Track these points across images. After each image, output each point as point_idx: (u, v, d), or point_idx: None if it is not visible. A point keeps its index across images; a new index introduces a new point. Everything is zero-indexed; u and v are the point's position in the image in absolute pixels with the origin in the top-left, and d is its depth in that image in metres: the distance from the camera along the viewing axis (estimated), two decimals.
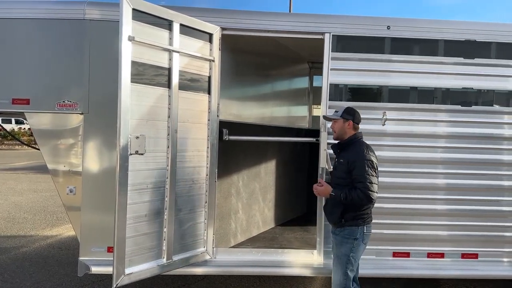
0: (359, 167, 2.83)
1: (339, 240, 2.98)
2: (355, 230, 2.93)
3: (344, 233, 2.96)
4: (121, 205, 2.90)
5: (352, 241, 2.93)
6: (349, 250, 2.94)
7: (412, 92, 3.75)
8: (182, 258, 3.37)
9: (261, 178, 4.83)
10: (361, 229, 2.94)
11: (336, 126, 3.08)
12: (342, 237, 2.96)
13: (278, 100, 5.30)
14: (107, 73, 3.42)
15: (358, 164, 2.84)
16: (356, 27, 3.66)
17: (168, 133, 3.21)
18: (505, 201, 3.76)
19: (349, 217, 2.92)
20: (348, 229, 2.94)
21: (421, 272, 3.77)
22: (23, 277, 4.46)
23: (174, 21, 3.19)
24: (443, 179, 3.72)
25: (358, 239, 2.94)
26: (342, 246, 2.97)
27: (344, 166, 2.92)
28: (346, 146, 3.03)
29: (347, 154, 2.96)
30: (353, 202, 2.84)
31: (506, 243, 3.79)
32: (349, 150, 2.98)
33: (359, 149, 2.92)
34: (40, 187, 10.40)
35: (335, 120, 3.08)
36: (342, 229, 2.97)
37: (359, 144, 2.99)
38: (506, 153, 3.73)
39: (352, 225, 2.93)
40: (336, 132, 3.09)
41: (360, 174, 2.82)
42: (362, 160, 2.85)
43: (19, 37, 3.46)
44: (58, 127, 3.54)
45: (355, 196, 2.81)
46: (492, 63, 3.70)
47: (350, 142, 3.01)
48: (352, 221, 2.93)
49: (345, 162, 2.92)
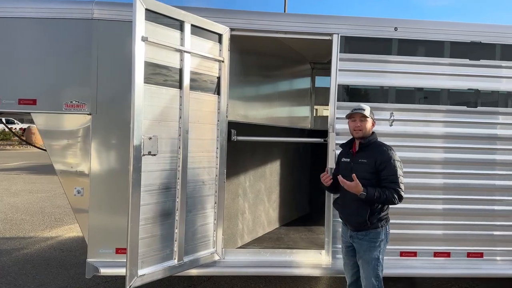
0: (391, 168, 2.82)
1: (366, 245, 2.90)
2: (380, 232, 2.90)
3: (369, 236, 2.90)
4: (134, 206, 2.89)
5: (380, 243, 2.91)
6: (378, 253, 2.90)
7: (418, 93, 3.78)
8: (192, 259, 3.36)
9: (266, 178, 4.84)
10: (384, 230, 2.94)
11: (365, 125, 2.95)
12: (369, 241, 2.90)
13: (282, 100, 5.31)
14: (115, 73, 3.42)
15: (389, 164, 2.82)
16: (364, 28, 3.69)
17: (179, 133, 3.21)
18: (509, 200, 3.81)
19: (374, 219, 2.87)
20: (373, 232, 2.89)
21: (427, 271, 3.81)
22: (26, 279, 4.41)
23: (185, 21, 3.18)
24: (450, 179, 3.76)
25: (383, 240, 2.93)
26: (371, 251, 2.89)
27: (369, 166, 2.86)
28: (367, 146, 2.95)
29: (372, 154, 2.88)
30: (386, 202, 2.82)
31: (510, 242, 3.84)
32: (372, 150, 2.91)
33: (386, 149, 2.90)
34: (35, 188, 10.28)
35: (366, 119, 2.95)
36: (366, 232, 2.90)
37: (382, 144, 2.96)
38: (510, 154, 3.78)
39: (377, 228, 2.90)
40: (362, 131, 2.96)
41: (392, 174, 2.81)
42: (392, 160, 2.84)
43: (26, 37, 3.42)
44: (65, 128, 3.52)
45: (389, 196, 2.77)
46: (497, 65, 3.75)
47: (370, 142, 2.96)
48: (376, 223, 2.89)
49: (371, 162, 2.85)
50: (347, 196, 2.94)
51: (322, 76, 6.15)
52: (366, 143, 2.96)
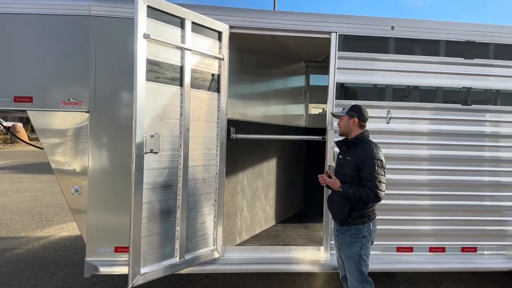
0: (369, 166, 2.84)
1: (348, 240, 2.98)
2: (362, 228, 2.95)
3: (351, 232, 2.96)
4: (137, 204, 2.88)
5: (361, 239, 2.95)
6: (359, 249, 2.95)
7: (415, 91, 3.85)
8: (193, 257, 3.36)
9: (264, 176, 4.86)
10: (367, 227, 2.97)
11: (341, 123, 3.09)
12: (350, 236, 2.97)
13: (278, 98, 5.33)
14: (113, 70, 3.39)
15: (368, 163, 2.85)
16: (361, 27, 3.73)
17: (181, 131, 3.20)
18: (501, 196, 3.92)
19: (356, 216, 2.93)
20: (355, 228, 2.95)
21: (423, 266, 3.89)
22: (21, 279, 4.34)
23: (186, 19, 3.17)
24: (444, 175, 3.84)
25: (366, 237, 2.96)
26: (352, 246, 2.97)
27: (352, 164, 2.93)
28: (353, 144, 3.03)
29: (356, 152, 2.96)
30: (361, 200, 2.85)
31: (503, 236, 3.95)
32: (357, 148, 2.98)
33: (369, 148, 2.92)
34: (23, 187, 10.12)
35: (341, 117, 3.09)
36: (348, 227, 2.97)
37: (367, 143, 2.99)
38: (502, 151, 3.88)
39: (359, 224, 2.94)
40: (341, 129, 3.10)
41: (370, 173, 2.84)
42: (372, 159, 2.85)
43: (22, 33, 3.36)
44: (62, 126, 3.46)
45: (364, 194, 2.82)
46: (490, 64, 3.84)
47: (358, 141, 3.01)
48: (358, 219, 2.93)
49: (354, 160, 2.92)
50: (333, 192, 3.06)
51: (317, 74, 6.18)
52: (353, 141, 3.04)
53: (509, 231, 3.94)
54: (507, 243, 3.95)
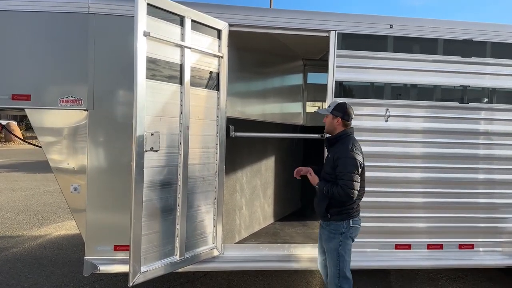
0: (343, 165, 2.86)
1: (327, 235, 3.04)
2: (340, 224, 2.98)
3: (330, 228, 3.01)
4: (137, 202, 2.87)
5: (339, 235, 2.98)
6: (337, 245, 2.99)
7: (413, 89, 3.87)
8: (193, 255, 3.37)
9: (262, 174, 4.87)
10: (346, 224, 2.98)
11: (327, 121, 3.10)
12: (329, 232, 3.02)
13: (276, 97, 5.33)
14: (113, 68, 3.38)
15: (342, 161, 2.87)
16: (360, 25, 3.74)
17: (180, 129, 3.20)
18: (497, 193, 3.96)
19: (334, 212, 2.97)
20: (334, 224, 2.99)
21: (421, 263, 3.93)
22: (19, 278, 4.32)
23: (186, 16, 3.17)
24: (441, 173, 3.87)
25: (344, 233, 2.98)
26: (330, 241, 3.02)
27: (331, 161, 2.97)
28: (334, 142, 3.05)
29: (334, 150, 3.00)
30: (333, 197, 2.89)
31: (499, 233, 3.99)
32: (336, 146, 3.01)
33: (345, 146, 2.93)
34: (18, 186, 10.05)
35: (326, 115, 3.11)
36: (328, 223, 3.02)
37: (346, 141, 2.98)
38: (502, 148, 3.92)
39: (337, 220, 2.98)
40: (326, 127, 3.13)
41: (342, 171, 2.85)
42: (346, 157, 2.87)
43: (20, 31, 3.34)
44: (61, 124, 3.44)
45: (335, 192, 2.85)
46: (488, 62, 3.87)
47: (338, 139, 3.03)
48: (337, 215, 2.97)
49: (332, 157, 2.97)
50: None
51: (314, 72, 6.19)
52: (333, 139, 3.08)
53: (505, 228, 3.98)
54: (504, 240, 3.99)
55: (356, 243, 3.80)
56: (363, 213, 3.76)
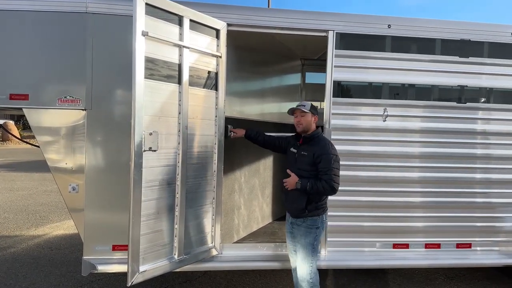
0: (326, 161, 2.99)
1: (303, 231, 3.12)
2: (317, 219, 3.11)
3: (307, 223, 3.11)
4: (135, 202, 2.87)
5: (315, 230, 3.11)
6: (313, 239, 3.11)
7: (411, 89, 3.88)
8: (192, 255, 3.37)
9: (260, 174, 4.88)
10: (321, 218, 3.13)
11: (305, 119, 3.17)
12: (306, 227, 3.11)
13: (274, 96, 5.34)
14: (111, 68, 3.37)
15: (324, 157, 3.00)
16: (358, 25, 3.75)
17: (179, 129, 3.19)
18: (494, 193, 3.97)
19: (312, 208, 3.08)
20: (311, 219, 3.10)
21: (419, 262, 3.94)
22: (17, 278, 4.31)
23: (184, 16, 3.16)
24: (439, 173, 3.88)
25: (319, 228, 3.12)
26: (306, 237, 3.11)
27: (309, 158, 3.06)
28: (309, 139, 3.16)
29: (312, 147, 3.09)
30: (318, 192, 2.99)
31: (497, 233, 4.01)
32: (313, 144, 3.11)
33: (324, 143, 3.09)
34: (16, 186, 10.02)
35: (305, 113, 3.16)
36: (304, 219, 3.11)
37: (323, 139, 3.16)
38: (493, 148, 3.93)
39: (314, 215, 3.10)
40: (303, 125, 3.18)
41: (326, 167, 2.99)
42: (328, 154, 3.01)
43: (17, 30, 3.33)
44: (59, 124, 3.43)
45: (321, 186, 2.96)
46: (485, 62, 3.88)
47: (314, 136, 3.15)
48: (314, 211, 3.09)
49: (311, 155, 3.05)
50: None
51: (312, 72, 6.20)
52: (309, 137, 3.17)
53: (502, 227, 4.00)
54: (501, 239, 4.01)
55: (354, 243, 3.85)
56: (361, 212, 3.82)
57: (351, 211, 3.82)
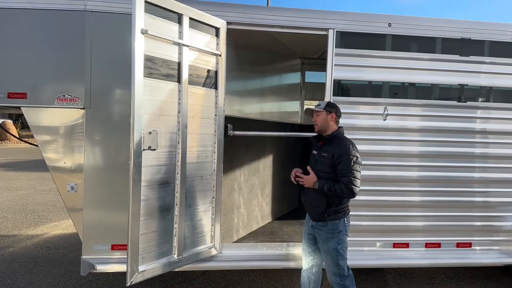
0: (345, 162, 2.87)
1: (324, 236, 3.02)
2: (338, 223, 2.98)
3: (327, 227, 3.00)
4: (135, 201, 2.85)
5: (337, 234, 2.99)
6: (336, 244, 2.99)
7: (411, 87, 3.86)
8: (191, 254, 3.35)
9: (260, 173, 4.86)
10: (342, 222, 3.00)
11: (319, 118, 3.07)
12: (326, 232, 3.00)
13: (274, 95, 5.33)
14: (110, 66, 3.36)
15: (344, 159, 2.88)
16: (359, 23, 3.73)
17: (178, 128, 3.18)
18: (494, 192, 3.96)
19: (331, 212, 2.97)
20: (331, 224, 2.98)
21: (419, 261, 3.93)
22: (15, 278, 4.28)
23: (184, 14, 3.14)
24: (439, 172, 3.87)
25: (342, 231, 3.00)
26: (328, 242, 3.01)
27: (328, 160, 2.94)
28: (329, 140, 3.03)
29: (332, 148, 2.97)
30: (336, 195, 2.89)
31: (497, 232, 4.00)
32: (334, 144, 2.99)
33: (345, 144, 2.95)
34: (14, 185, 9.98)
35: (318, 112, 3.07)
36: (324, 223, 3.00)
37: (343, 139, 3.01)
38: (494, 147, 3.92)
39: (334, 219, 2.98)
40: (318, 125, 3.08)
41: (345, 169, 2.86)
42: (348, 155, 2.88)
43: (16, 28, 3.30)
44: (57, 123, 3.42)
45: (339, 189, 2.85)
46: (486, 61, 3.87)
47: (334, 137, 3.02)
48: (334, 214, 2.97)
49: (330, 156, 2.94)
50: (309, 188, 3.05)
51: (312, 71, 6.19)
52: (329, 137, 3.05)
53: (502, 226, 3.99)
54: (501, 239, 4.01)
55: (354, 242, 3.83)
56: (361, 212, 3.80)
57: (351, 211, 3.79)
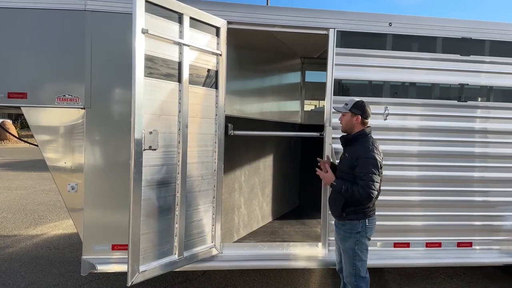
0: (363, 165, 2.81)
1: (342, 235, 3.01)
2: (356, 224, 2.94)
3: (345, 227, 2.98)
4: (135, 201, 2.84)
5: (355, 235, 2.95)
6: (353, 244, 2.96)
7: (412, 87, 3.86)
8: (192, 254, 3.35)
9: (260, 173, 4.86)
10: (362, 223, 2.94)
11: (344, 119, 3.04)
12: (345, 231, 2.99)
13: (274, 95, 5.32)
14: (110, 66, 3.35)
15: (362, 161, 2.82)
16: (359, 23, 3.73)
17: (179, 128, 3.17)
18: (495, 191, 3.96)
19: (350, 211, 2.93)
20: (349, 223, 2.96)
21: (420, 261, 3.93)
22: (15, 278, 4.28)
23: (184, 14, 3.14)
24: (440, 171, 3.86)
25: (360, 232, 2.95)
26: (346, 241, 2.99)
27: (349, 161, 2.92)
28: (352, 141, 3.01)
29: (353, 149, 2.94)
30: (353, 197, 2.84)
31: (497, 231, 4.00)
32: (355, 146, 2.95)
33: (365, 146, 2.88)
34: (14, 185, 9.97)
35: (344, 113, 3.05)
36: (343, 223, 2.99)
37: (365, 140, 2.93)
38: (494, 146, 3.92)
39: (353, 219, 2.94)
40: (343, 125, 3.07)
41: (362, 171, 2.80)
42: (366, 158, 2.81)
43: (16, 28, 3.30)
44: (58, 123, 3.41)
45: (356, 191, 2.80)
46: (486, 60, 3.86)
47: (357, 138, 2.97)
48: (353, 215, 2.93)
49: (350, 157, 2.92)
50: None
51: (312, 71, 6.18)
52: (351, 138, 3.03)
53: (503, 226, 3.99)
54: (501, 238, 4.00)
55: None
56: None
57: None
